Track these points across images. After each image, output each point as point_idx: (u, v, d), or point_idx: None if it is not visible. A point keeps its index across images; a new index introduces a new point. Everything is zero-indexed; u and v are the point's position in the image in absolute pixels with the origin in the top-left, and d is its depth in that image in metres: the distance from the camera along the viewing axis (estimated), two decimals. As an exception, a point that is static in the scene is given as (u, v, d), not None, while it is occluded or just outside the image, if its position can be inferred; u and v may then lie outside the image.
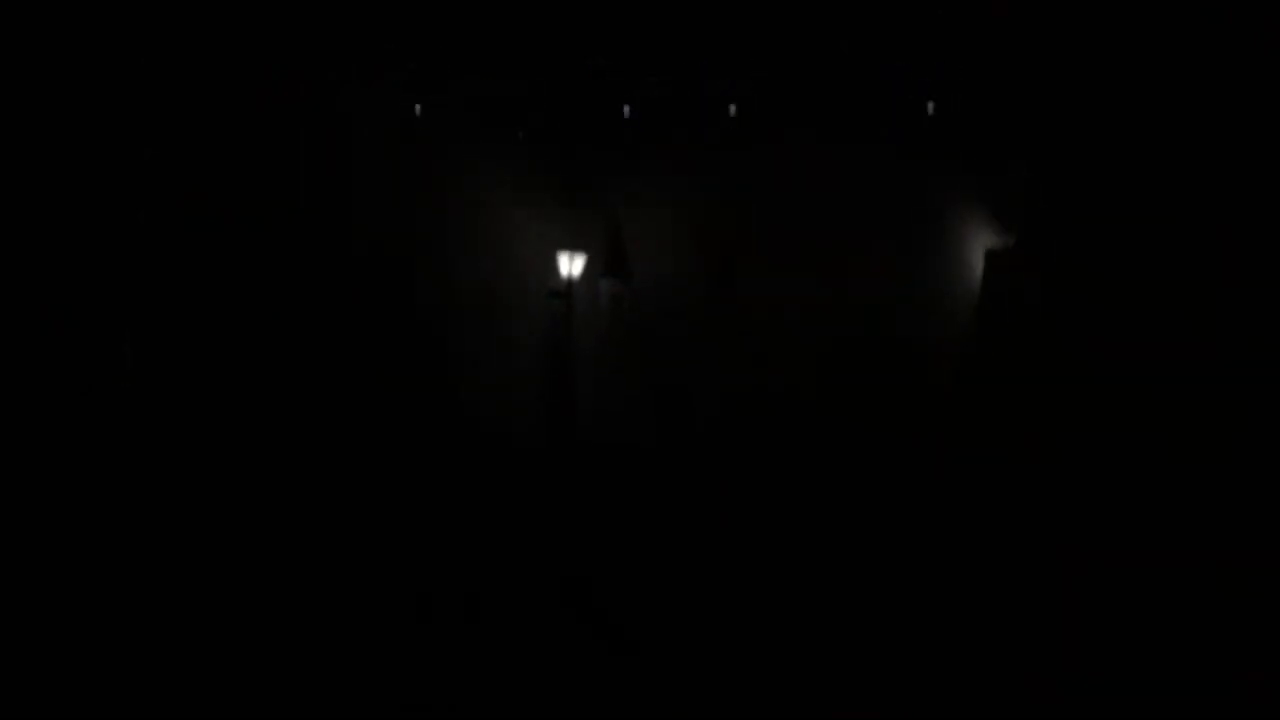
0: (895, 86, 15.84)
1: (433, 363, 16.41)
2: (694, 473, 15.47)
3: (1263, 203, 13.45)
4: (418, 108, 17.01)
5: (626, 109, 16.98)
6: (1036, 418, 14.23)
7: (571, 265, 17.01)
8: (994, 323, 15.51)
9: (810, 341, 16.51)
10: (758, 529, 14.09)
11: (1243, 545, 11.52)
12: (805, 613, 11.63)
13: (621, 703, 10.09)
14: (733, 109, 16.75)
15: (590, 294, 17.29)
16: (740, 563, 13.13)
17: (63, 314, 15.06)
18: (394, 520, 13.73)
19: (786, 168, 16.66)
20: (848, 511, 14.16)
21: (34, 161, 15.15)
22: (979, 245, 16.18)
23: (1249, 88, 13.46)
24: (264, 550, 12.66)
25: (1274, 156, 13.48)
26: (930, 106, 15.83)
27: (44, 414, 14.48)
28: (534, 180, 17.07)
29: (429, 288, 16.65)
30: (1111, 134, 14.40)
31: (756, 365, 16.63)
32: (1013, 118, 15.26)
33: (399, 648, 10.93)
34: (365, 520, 13.65)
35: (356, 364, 15.95)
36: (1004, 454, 14.24)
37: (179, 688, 10.20)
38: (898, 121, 16.02)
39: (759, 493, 14.88)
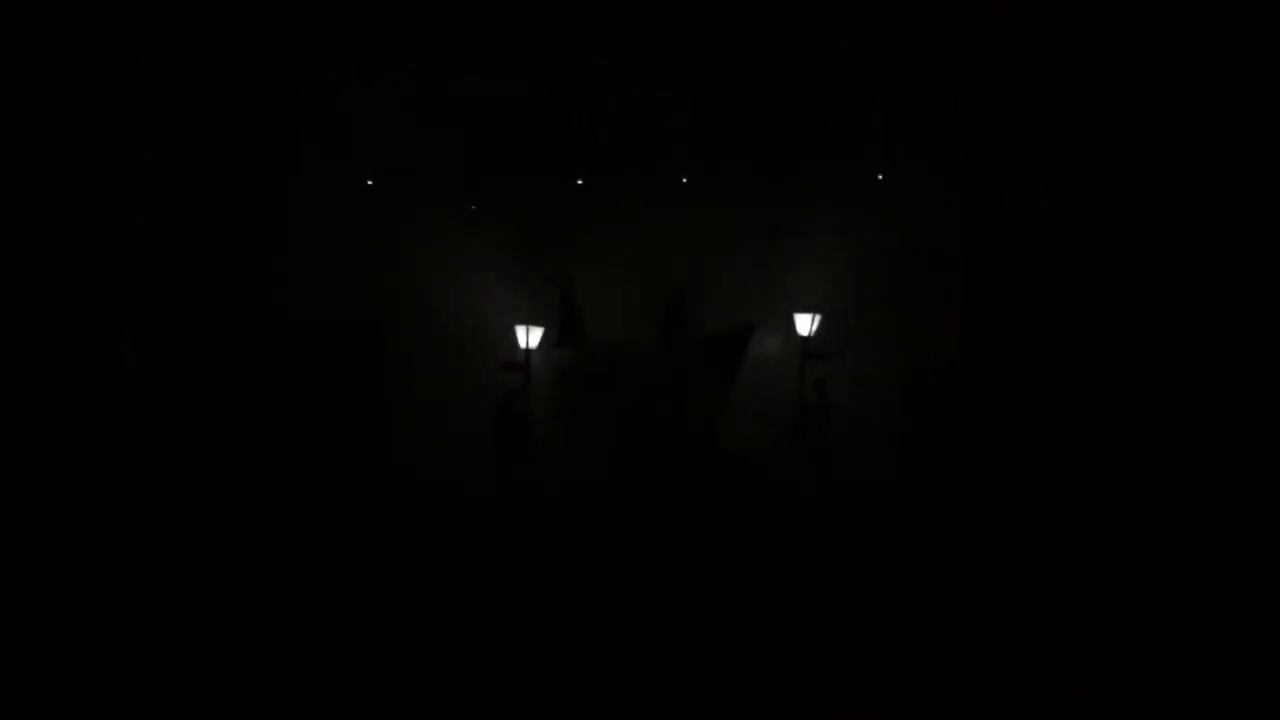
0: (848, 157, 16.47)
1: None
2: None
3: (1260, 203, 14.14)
4: (369, 180, 16.91)
5: (579, 180, 17.20)
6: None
7: (529, 338, 16.99)
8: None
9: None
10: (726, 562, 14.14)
11: (1243, 545, 11.99)
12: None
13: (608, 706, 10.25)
14: (684, 180, 17.13)
15: (546, 364, 17.31)
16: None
17: (63, 314, 14.93)
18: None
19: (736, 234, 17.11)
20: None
21: (35, 162, 14.94)
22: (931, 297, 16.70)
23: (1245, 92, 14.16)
24: (258, 550, 12.55)
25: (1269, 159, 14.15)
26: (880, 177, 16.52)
27: (45, 413, 14.38)
28: (488, 251, 17.10)
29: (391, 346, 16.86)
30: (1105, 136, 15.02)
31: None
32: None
33: (398, 649, 10.91)
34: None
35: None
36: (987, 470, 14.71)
37: (178, 686, 10.03)
38: (848, 187, 16.62)
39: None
